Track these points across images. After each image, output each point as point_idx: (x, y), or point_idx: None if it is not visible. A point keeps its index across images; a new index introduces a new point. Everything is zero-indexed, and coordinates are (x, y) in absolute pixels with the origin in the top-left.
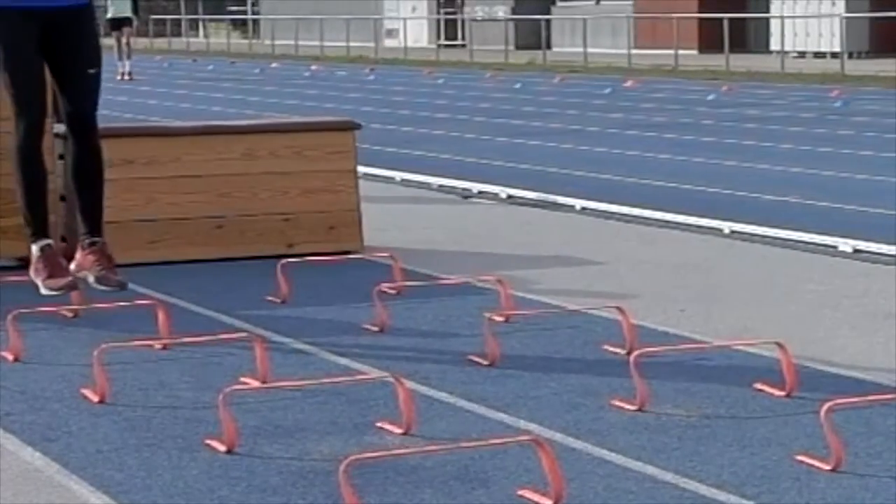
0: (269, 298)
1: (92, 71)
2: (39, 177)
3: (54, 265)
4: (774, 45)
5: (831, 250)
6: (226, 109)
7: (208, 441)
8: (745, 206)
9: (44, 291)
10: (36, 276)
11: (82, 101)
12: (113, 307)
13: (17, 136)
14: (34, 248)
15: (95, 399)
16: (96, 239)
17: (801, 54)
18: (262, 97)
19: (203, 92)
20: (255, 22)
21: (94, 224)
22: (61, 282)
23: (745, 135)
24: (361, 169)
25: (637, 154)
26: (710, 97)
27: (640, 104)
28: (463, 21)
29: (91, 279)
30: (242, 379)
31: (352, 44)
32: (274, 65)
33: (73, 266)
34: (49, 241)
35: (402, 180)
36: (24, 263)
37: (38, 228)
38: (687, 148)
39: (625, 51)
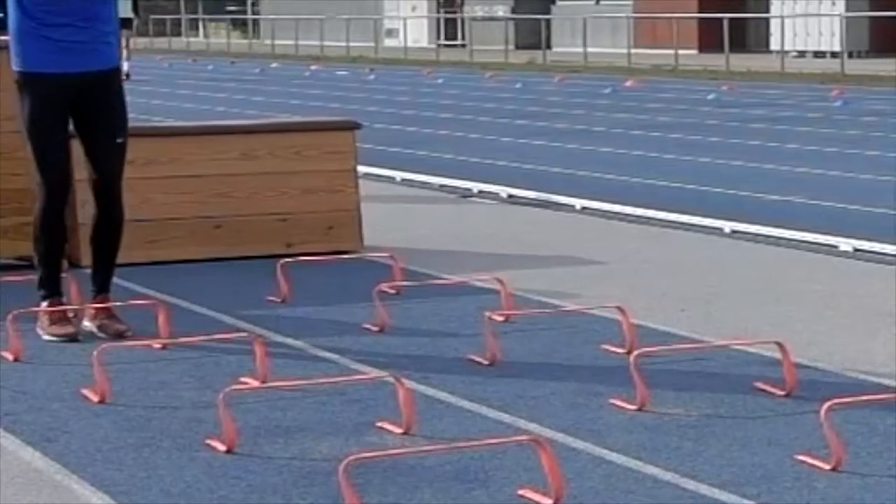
0: (269, 298)
1: (119, 140)
2: (59, 241)
3: (60, 316)
4: (774, 44)
5: (832, 250)
6: (226, 109)
7: (208, 441)
8: (746, 206)
9: (45, 337)
10: (41, 318)
11: (108, 169)
12: (113, 307)
13: (41, 200)
14: (43, 304)
15: (95, 399)
16: (102, 294)
17: (801, 54)
18: (262, 97)
19: (204, 92)
20: (255, 22)
21: (104, 283)
22: (63, 330)
23: (745, 135)
24: (361, 169)
25: (638, 154)
26: (711, 97)
27: (641, 104)
28: (463, 21)
29: (95, 329)
30: (242, 379)
31: (352, 44)
32: (274, 65)
33: (86, 322)
34: (59, 297)
35: (403, 180)
36: (24, 263)
37: (51, 286)
38: (688, 148)
39: (625, 50)
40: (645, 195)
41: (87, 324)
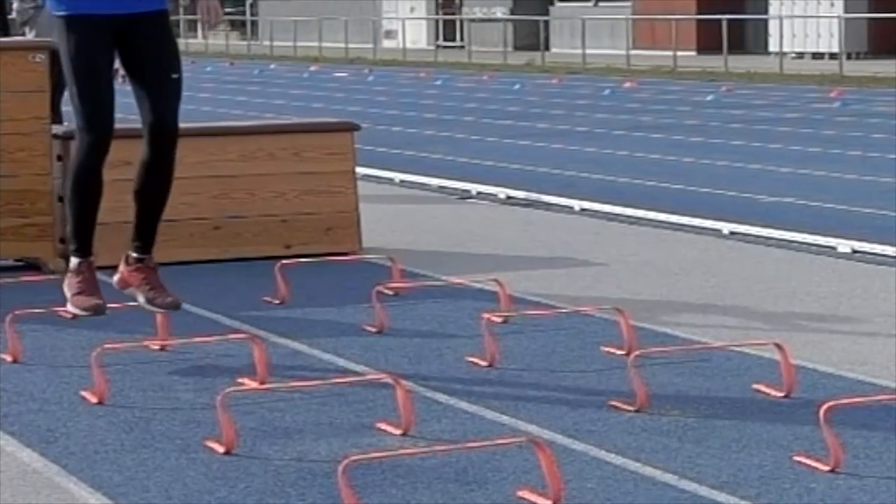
0: (268, 299)
1: (175, 76)
2: (95, 194)
3: (88, 284)
4: (773, 46)
5: (830, 251)
6: (222, 110)
7: (207, 442)
8: (744, 207)
9: (70, 308)
10: (68, 289)
11: (165, 109)
12: (111, 308)
13: (79, 153)
14: (73, 261)
15: (94, 400)
16: (145, 256)
17: (800, 55)
18: (260, 98)
19: (202, 93)
20: (254, 23)
21: (148, 241)
22: (90, 302)
23: (743, 135)
24: (360, 170)
25: (635, 155)
26: (709, 98)
27: (639, 105)
28: (461, 22)
29: (141, 299)
30: (241, 380)
31: (350, 45)
32: (272, 66)
33: (115, 278)
34: (90, 259)
35: (401, 181)
36: (24, 264)
37: (83, 246)
38: (684, 148)
39: (623, 52)
40: (644, 196)
41: (134, 293)
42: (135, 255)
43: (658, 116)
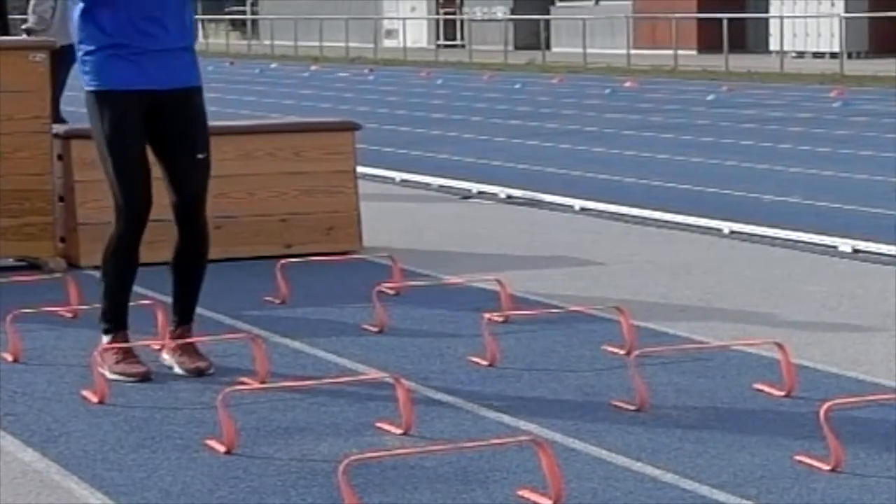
0: (268, 299)
1: (201, 156)
2: (132, 269)
3: (126, 353)
4: (773, 45)
5: (831, 250)
6: (224, 110)
7: (208, 441)
8: (744, 207)
9: (111, 376)
10: (104, 361)
11: (191, 188)
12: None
13: (118, 229)
14: (105, 339)
15: (95, 400)
16: (183, 326)
17: (801, 54)
18: (261, 98)
19: (210, 93)
20: (255, 22)
21: (187, 313)
22: (134, 369)
23: (744, 135)
24: (361, 169)
25: (637, 154)
26: (710, 97)
27: (640, 104)
28: (462, 21)
29: (176, 367)
30: (241, 379)
31: (351, 44)
32: (273, 65)
33: (164, 355)
34: (125, 332)
35: (402, 181)
36: (24, 263)
37: (116, 320)
38: (686, 148)
39: (624, 51)
40: (649, 196)
41: (166, 357)
42: (175, 326)
43: (658, 116)
